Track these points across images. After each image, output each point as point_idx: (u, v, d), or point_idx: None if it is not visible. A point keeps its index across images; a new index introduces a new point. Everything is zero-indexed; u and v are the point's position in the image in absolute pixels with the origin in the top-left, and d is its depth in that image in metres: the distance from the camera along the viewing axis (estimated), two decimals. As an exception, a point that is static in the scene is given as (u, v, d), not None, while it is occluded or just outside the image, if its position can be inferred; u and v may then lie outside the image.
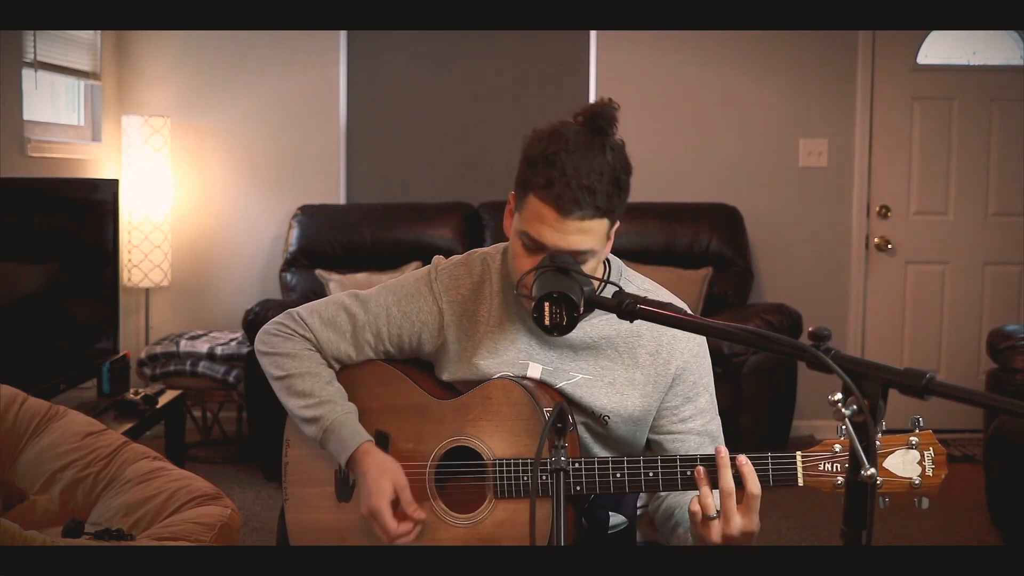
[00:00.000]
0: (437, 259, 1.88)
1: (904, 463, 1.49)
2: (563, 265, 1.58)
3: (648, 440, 1.82)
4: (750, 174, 5.13)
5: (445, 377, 1.82)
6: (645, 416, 1.78)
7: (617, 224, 1.70)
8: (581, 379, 1.77)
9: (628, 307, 1.46)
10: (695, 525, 1.57)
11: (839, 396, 1.16)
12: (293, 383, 1.82)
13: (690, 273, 4.64)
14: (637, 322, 1.65)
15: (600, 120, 1.63)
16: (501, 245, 1.87)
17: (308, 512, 1.87)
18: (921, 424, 1.51)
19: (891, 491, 1.50)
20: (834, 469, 1.54)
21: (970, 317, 5.23)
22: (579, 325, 1.73)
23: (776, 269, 5.13)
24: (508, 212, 1.76)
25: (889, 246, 5.19)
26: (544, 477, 1.63)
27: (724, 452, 1.56)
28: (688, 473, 1.60)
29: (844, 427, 1.15)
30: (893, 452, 1.50)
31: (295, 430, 1.87)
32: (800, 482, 1.55)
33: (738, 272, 4.82)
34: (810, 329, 1.25)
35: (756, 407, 4.14)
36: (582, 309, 1.52)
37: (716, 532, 1.55)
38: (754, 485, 1.54)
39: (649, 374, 1.77)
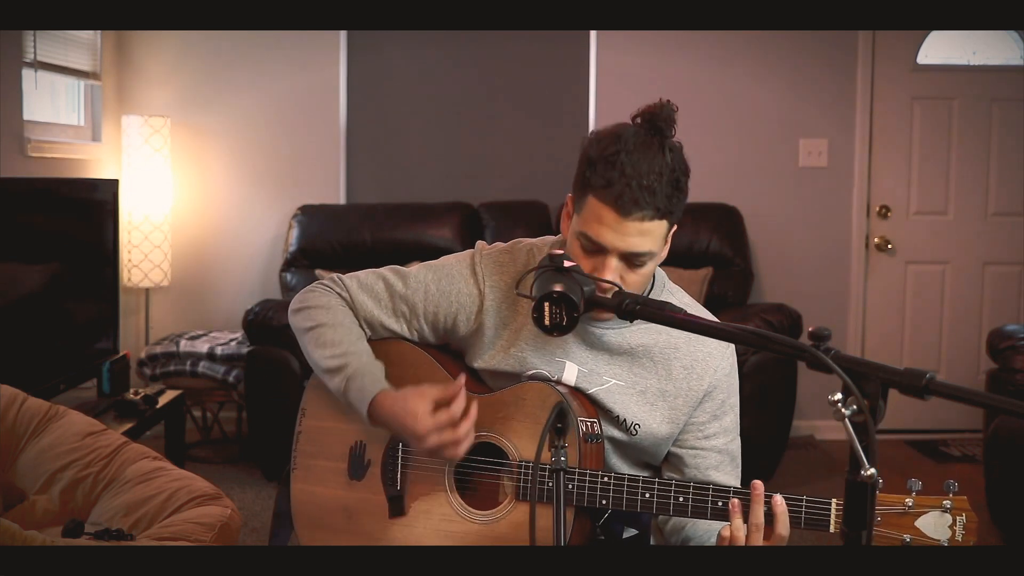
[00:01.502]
0: (480, 244, 1.87)
1: (936, 525, 1.48)
2: (563, 265, 1.58)
3: (669, 452, 1.81)
4: (750, 174, 5.13)
5: (477, 364, 1.79)
6: (672, 429, 1.77)
7: (674, 227, 1.68)
8: (613, 384, 1.75)
9: (628, 307, 1.46)
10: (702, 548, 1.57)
11: (839, 396, 1.15)
12: (322, 332, 1.78)
13: (690, 273, 4.64)
14: (675, 335, 1.64)
15: (659, 120, 1.62)
16: (548, 238, 1.85)
17: (316, 484, 1.85)
18: (955, 488, 1.49)
19: None
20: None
21: (970, 317, 5.23)
22: (619, 331, 1.73)
23: (776, 269, 5.13)
24: (565, 215, 1.75)
25: (889, 246, 5.19)
26: (565, 484, 1.62)
27: (760, 487, 1.55)
28: (720, 504, 1.58)
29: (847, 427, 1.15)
30: (927, 513, 1.49)
31: (314, 400, 1.86)
32: (832, 528, 1.53)
33: (738, 272, 4.82)
34: (810, 329, 1.24)
35: (756, 407, 4.13)
36: (582, 309, 1.52)
37: None
38: (784, 527, 1.53)
39: (681, 388, 1.76)
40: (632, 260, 1.63)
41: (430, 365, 1.81)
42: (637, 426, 1.75)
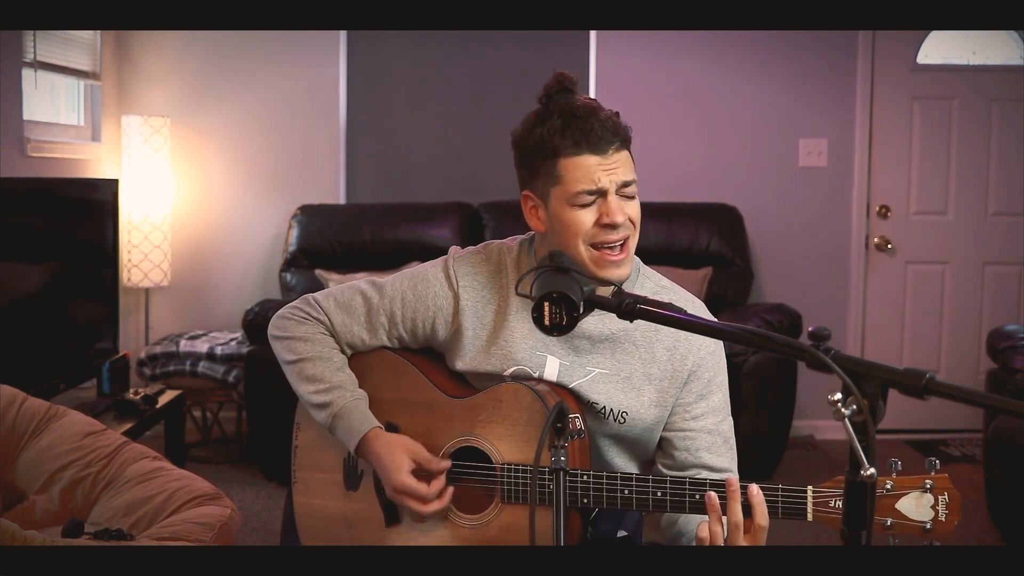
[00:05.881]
0: (454, 249, 1.91)
1: (918, 506, 1.46)
2: (563, 265, 1.58)
3: (660, 438, 1.80)
4: (750, 174, 5.13)
5: (459, 366, 1.81)
6: (661, 413, 1.77)
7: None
8: (597, 373, 1.76)
9: (628, 307, 1.46)
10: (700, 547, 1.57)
11: (839, 396, 1.15)
12: (304, 367, 1.82)
13: (690, 273, 4.64)
14: None
15: (565, 83, 1.79)
16: (518, 237, 1.89)
17: (315, 497, 1.87)
18: (937, 467, 1.47)
19: (901, 533, 1.47)
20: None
21: (970, 317, 5.22)
22: (598, 317, 1.74)
23: (776, 269, 5.13)
24: (530, 211, 1.81)
25: (889, 246, 5.19)
26: (549, 485, 1.63)
27: (735, 483, 1.54)
28: (697, 496, 1.58)
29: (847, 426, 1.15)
30: (907, 494, 1.47)
31: (306, 413, 1.87)
32: (809, 517, 1.53)
33: (738, 272, 4.82)
34: (810, 329, 1.24)
35: (756, 407, 4.14)
36: (582, 309, 1.52)
37: None
38: (763, 517, 1.53)
39: (666, 370, 1.76)
40: (625, 192, 1.72)
41: (413, 376, 1.82)
42: (624, 414, 1.75)
